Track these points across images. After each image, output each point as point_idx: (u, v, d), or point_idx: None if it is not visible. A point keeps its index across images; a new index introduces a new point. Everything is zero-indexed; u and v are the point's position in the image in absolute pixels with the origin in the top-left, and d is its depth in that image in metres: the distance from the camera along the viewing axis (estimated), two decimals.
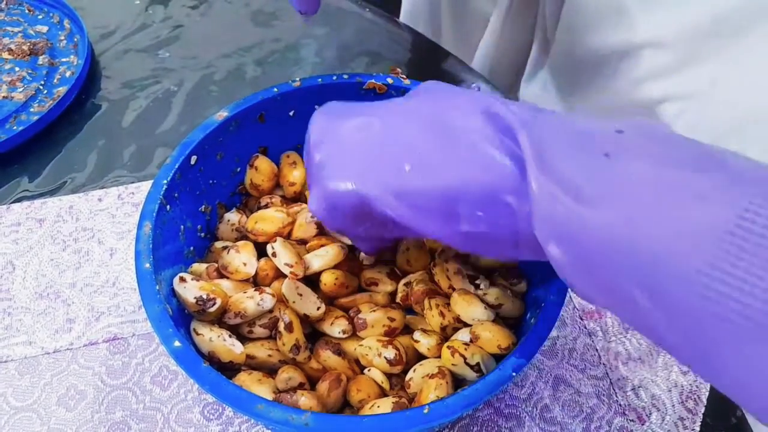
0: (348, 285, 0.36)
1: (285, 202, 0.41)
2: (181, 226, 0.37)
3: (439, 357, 0.34)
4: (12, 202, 0.47)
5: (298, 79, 0.40)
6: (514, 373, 0.28)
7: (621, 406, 0.38)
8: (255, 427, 0.36)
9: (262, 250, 0.37)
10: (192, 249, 0.37)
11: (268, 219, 0.38)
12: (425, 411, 0.27)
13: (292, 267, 0.35)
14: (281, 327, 0.33)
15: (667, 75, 0.45)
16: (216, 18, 0.63)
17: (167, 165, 0.36)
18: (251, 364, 0.33)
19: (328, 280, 0.36)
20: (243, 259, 0.36)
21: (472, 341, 0.33)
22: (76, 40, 0.59)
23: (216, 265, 0.36)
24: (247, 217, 0.39)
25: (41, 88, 0.54)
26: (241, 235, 0.39)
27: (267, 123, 0.40)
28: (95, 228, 0.45)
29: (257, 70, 0.58)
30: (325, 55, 0.60)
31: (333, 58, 0.60)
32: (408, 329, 0.36)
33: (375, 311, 0.35)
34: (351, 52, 0.60)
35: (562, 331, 0.41)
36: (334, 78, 0.40)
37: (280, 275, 0.36)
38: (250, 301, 0.33)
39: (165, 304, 0.30)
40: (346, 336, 0.35)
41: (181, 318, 0.32)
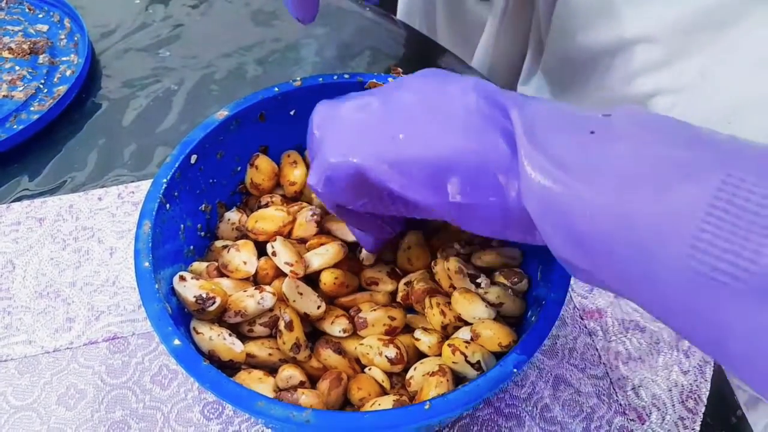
0: (348, 284, 0.36)
1: (285, 201, 0.41)
2: (181, 225, 0.36)
3: (439, 355, 0.33)
4: (12, 201, 0.47)
5: (299, 78, 0.40)
6: (515, 370, 0.28)
7: (621, 405, 0.38)
8: (255, 426, 0.36)
9: (262, 249, 0.37)
10: (192, 248, 0.37)
11: (269, 218, 0.38)
12: (426, 407, 0.27)
13: (292, 266, 0.35)
14: (281, 326, 0.33)
15: (657, 69, 0.46)
16: (216, 17, 0.63)
17: (167, 164, 0.36)
18: (251, 362, 0.33)
19: (328, 279, 0.36)
20: (243, 257, 0.36)
21: (472, 339, 0.33)
22: (76, 39, 0.59)
23: (216, 263, 0.36)
24: (248, 216, 0.39)
25: (41, 87, 0.54)
26: (242, 234, 0.39)
27: (267, 122, 0.40)
28: (95, 227, 0.45)
29: (258, 69, 0.58)
30: (325, 54, 0.60)
31: (333, 57, 0.60)
32: (408, 328, 0.36)
33: (375, 310, 0.35)
34: (351, 51, 0.60)
35: (562, 331, 0.41)
36: (335, 77, 0.40)
37: (280, 274, 0.36)
38: (250, 300, 0.33)
39: (164, 302, 0.30)
40: (346, 335, 0.35)
41: (180, 317, 0.32)
